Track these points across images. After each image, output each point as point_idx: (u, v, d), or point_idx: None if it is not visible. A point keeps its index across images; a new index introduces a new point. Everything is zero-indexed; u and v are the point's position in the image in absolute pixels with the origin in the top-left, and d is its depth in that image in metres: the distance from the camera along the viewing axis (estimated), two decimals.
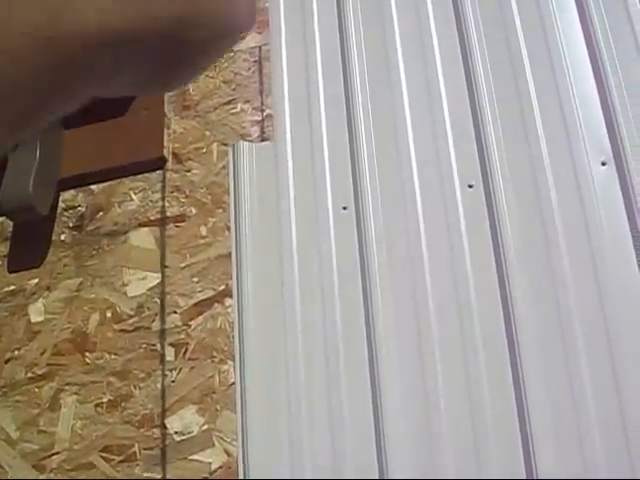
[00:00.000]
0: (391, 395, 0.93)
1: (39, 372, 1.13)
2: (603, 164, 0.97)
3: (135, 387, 1.07)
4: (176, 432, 1.02)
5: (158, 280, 1.12)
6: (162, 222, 1.15)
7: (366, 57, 1.10)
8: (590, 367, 0.87)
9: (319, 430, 0.94)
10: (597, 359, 0.87)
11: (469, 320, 0.93)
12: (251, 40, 1.22)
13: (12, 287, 1.20)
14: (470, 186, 1.01)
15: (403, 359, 0.94)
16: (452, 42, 1.08)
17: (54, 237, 1.20)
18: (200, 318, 1.07)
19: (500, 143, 1.02)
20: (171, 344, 1.07)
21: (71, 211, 1.21)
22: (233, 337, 1.02)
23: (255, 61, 1.20)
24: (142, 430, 1.04)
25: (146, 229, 1.16)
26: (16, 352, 1.15)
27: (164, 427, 1.03)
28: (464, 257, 0.97)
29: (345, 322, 0.98)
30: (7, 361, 1.15)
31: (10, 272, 1.21)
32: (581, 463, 0.84)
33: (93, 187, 1.21)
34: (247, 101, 1.18)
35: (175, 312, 1.09)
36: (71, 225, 1.21)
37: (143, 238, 1.15)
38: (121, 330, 1.11)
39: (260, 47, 1.21)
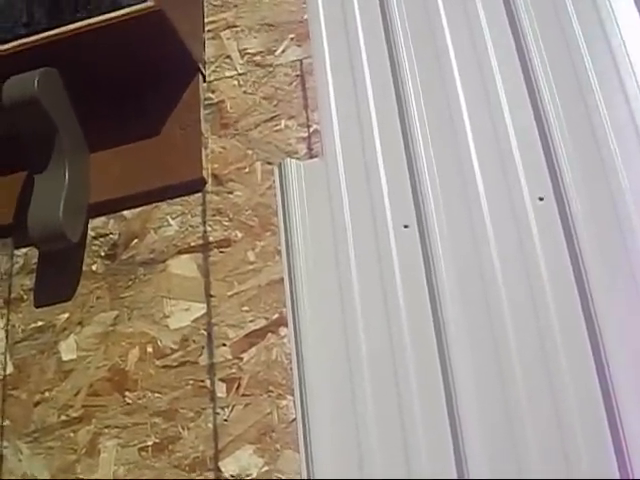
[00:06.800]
0: (469, 419, 0.86)
1: (74, 415, 1.05)
2: None
3: (183, 428, 0.99)
4: (232, 475, 0.96)
5: (203, 310, 1.05)
6: (204, 248, 1.08)
7: (417, 62, 1.04)
8: None
9: (393, 467, 0.87)
10: None
11: (546, 321, 0.87)
12: (291, 54, 1.17)
13: (40, 323, 1.12)
14: (541, 199, 0.95)
15: (480, 380, 0.87)
16: (512, 62, 1.03)
17: (84, 268, 1.13)
18: (253, 350, 1.01)
19: (571, 156, 0.97)
20: (222, 379, 1.00)
21: (102, 239, 1.14)
22: (291, 369, 0.96)
23: (297, 75, 1.15)
24: (194, 475, 0.97)
25: (187, 256, 1.09)
26: (47, 394, 1.07)
27: (218, 470, 0.96)
28: (538, 268, 0.91)
29: (414, 345, 0.91)
30: (37, 404, 1.07)
31: (37, 307, 1.13)
32: None
33: (125, 213, 1.14)
34: (291, 117, 1.12)
35: (224, 344, 1.02)
36: (103, 254, 1.13)
37: (184, 266, 1.08)
38: (164, 366, 1.03)
39: (301, 60, 1.16)
